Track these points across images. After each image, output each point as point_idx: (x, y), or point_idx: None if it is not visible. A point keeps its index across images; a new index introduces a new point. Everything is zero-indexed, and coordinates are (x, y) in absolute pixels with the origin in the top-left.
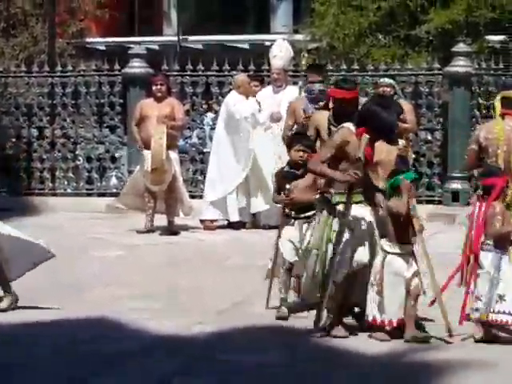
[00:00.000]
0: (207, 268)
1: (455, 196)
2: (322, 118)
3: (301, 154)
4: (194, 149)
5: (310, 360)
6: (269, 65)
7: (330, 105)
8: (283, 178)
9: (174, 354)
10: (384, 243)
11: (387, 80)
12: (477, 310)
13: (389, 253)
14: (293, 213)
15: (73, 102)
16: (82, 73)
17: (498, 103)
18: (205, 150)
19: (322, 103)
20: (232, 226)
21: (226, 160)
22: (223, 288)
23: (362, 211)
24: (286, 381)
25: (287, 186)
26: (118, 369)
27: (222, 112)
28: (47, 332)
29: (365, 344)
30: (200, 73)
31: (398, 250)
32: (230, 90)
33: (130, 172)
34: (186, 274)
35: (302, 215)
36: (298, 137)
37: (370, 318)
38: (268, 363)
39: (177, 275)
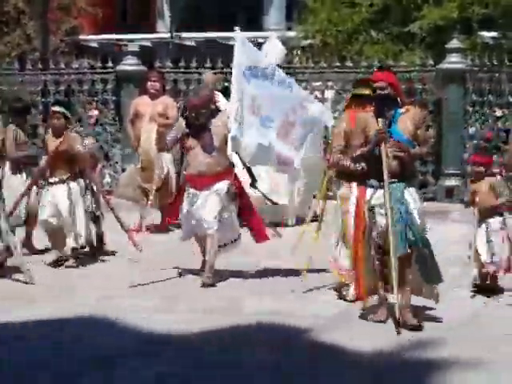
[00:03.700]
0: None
1: (449, 193)
2: None
3: None
4: None
5: (304, 358)
6: None
7: None
8: None
9: (164, 352)
10: None
11: None
12: None
13: None
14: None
15: (66, 99)
16: (75, 70)
17: None
18: None
19: None
20: None
21: None
22: (215, 286)
23: None
24: (282, 380)
25: None
26: (106, 368)
27: None
28: (41, 331)
29: (359, 339)
30: (193, 70)
31: None
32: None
33: (124, 170)
34: (177, 272)
35: None
36: None
37: None
38: (261, 362)
39: (168, 273)
